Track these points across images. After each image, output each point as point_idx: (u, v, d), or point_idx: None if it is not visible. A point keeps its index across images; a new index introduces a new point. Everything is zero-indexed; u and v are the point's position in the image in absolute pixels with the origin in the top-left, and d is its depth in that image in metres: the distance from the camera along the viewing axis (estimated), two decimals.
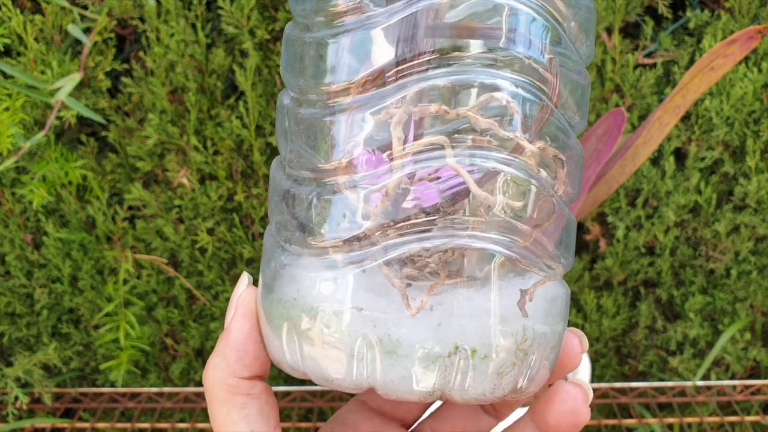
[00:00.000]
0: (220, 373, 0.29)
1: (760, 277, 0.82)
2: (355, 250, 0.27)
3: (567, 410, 0.29)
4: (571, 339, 0.30)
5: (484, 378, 0.26)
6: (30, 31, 0.73)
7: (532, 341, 0.27)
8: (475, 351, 0.26)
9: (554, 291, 0.29)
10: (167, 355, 0.90)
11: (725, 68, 0.52)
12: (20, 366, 0.83)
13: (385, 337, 0.26)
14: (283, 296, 0.28)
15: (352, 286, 0.26)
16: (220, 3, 0.72)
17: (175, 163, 0.79)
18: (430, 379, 0.26)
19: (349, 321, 0.26)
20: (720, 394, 0.86)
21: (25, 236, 0.83)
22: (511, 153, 0.26)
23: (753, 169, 0.78)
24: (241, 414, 0.29)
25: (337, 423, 0.33)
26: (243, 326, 0.29)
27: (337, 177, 0.27)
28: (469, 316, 0.26)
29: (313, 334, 0.27)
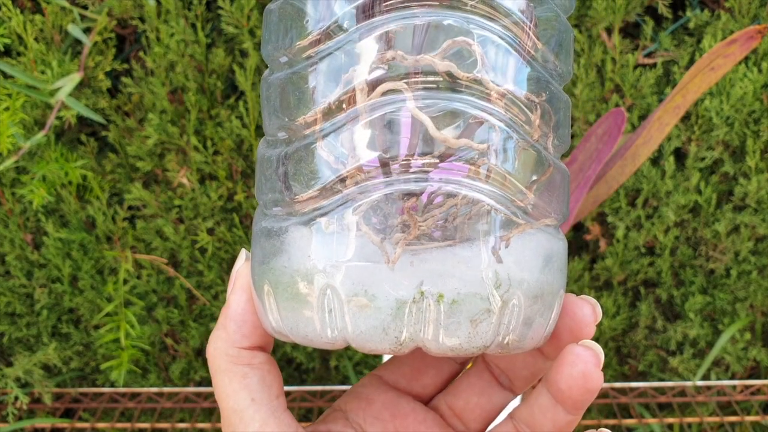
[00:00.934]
0: (221, 345, 0.30)
1: (760, 277, 0.82)
2: (324, 202, 0.27)
3: (578, 374, 0.28)
4: (582, 306, 0.29)
5: (457, 326, 0.26)
6: (30, 31, 0.73)
7: (508, 288, 0.26)
8: (442, 296, 0.26)
9: (544, 243, 0.28)
10: (167, 355, 0.90)
11: (725, 68, 0.52)
12: (20, 366, 0.83)
13: (359, 290, 0.26)
14: (261, 258, 0.28)
15: (323, 242, 0.27)
16: (220, 3, 0.72)
17: (175, 163, 0.79)
18: (400, 328, 0.26)
19: (320, 276, 0.26)
20: (720, 394, 0.86)
21: (25, 236, 0.83)
22: (483, 99, 0.26)
23: (753, 169, 0.78)
24: (243, 383, 0.30)
25: (352, 397, 0.33)
26: (240, 298, 0.30)
27: (307, 131, 0.27)
28: (440, 264, 0.26)
29: (289, 293, 0.27)
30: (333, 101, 0.26)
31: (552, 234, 0.28)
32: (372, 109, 0.26)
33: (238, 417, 0.29)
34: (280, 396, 0.30)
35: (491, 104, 0.26)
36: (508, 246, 0.27)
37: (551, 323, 0.29)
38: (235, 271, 0.31)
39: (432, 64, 0.26)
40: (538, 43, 0.27)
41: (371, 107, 0.26)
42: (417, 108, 0.26)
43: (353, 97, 0.26)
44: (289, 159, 0.28)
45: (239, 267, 0.31)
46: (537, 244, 0.28)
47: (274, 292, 0.28)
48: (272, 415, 0.30)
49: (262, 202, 0.29)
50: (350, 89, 0.26)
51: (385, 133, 0.26)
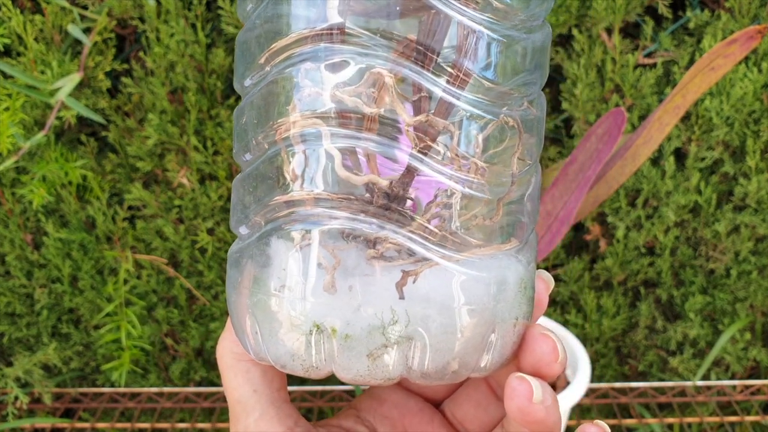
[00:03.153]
0: (227, 344, 0.32)
1: (760, 277, 0.82)
2: (269, 225, 0.28)
3: (515, 408, 0.27)
4: (541, 344, 0.29)
5: (357, 359, 0.27)
6: (30, 31, 0.73)
7: (406, 324, 0.26)
8: (335, 330, 0.27)
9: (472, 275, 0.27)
10: (167, 355, 0.90)
11: (725, 68, 0.52)
12: (20, 366, 0.83)
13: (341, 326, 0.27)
14: (236, 284, 0.29)
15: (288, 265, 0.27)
16: (220, 3, 0.72)
17: (175, 163, 0.79)
18: (310, 356, 0.27)
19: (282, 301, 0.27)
20: (720, 394, 0.86)
21: (25, 236, 0.83)
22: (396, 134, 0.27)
23: (753, 169, 0.78)
24: (246, 377, 0.31)
25: (365, 396, 0.35)
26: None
27: (274, 146, 0.28)
28: (360, 296, 0.27)
29: (263, 320, 0.28)
30: (267, 131, 0.27)
31: (501, 263, 0.28)
32: (296, 141, 0.27)
33: (241, 407, 0.31)
34: (282, 389, 0.32)
35: (406, 138, 0.27)
36: (416, 281, 0.27)
37: (495, 352, 0.28)
38: None
39: (342, 100, 0.26)
40: (469, 67, 0.27)
41: (295, 139, 0.27)
42: (330, 144, 0.26)
43: (286, 128, 0.27)
44: (244, 182, 0.29)
45: None
46: (444, 278, 0.27)
47: (251, 319, 0.29)
48: (272, 404, 0.32)
49: (234, 221, 0.30)
50: (281, 120, 0.27)
51: (306, 165, 0.27)
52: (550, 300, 0.87)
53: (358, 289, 0.26)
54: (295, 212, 0.27)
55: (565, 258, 0.85)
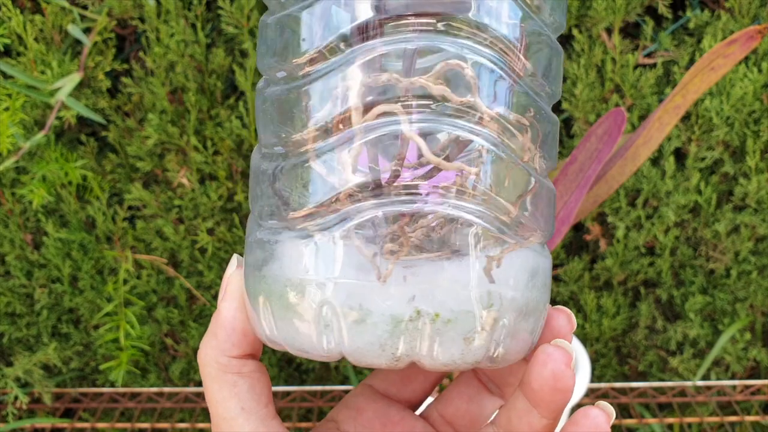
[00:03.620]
0: (212, 352, 0.30)
1: (760, 277, 0.82)
2: (320, 219, 0.27)
3: (548, 373, 0.27)
4: (557, 317, 0.30)
5: (451, 344, 0.27)
6: (30, 31, 0.73)
7: (500, 307, 0.27)
8: (438, 315, 0.27)
9: (531, 260, 0.29)
10: (167, 355, 0.90)
11: (725, 68, 0.52)
12: (20, 366, 0.83)
13: (355, 305, 0.27)
14: (256, 268, 0.29)
15: (319, 256, 0.27)
16: (220, 3, 0.72)
17: (175, 163, 0.79)
18: (396, 344, 0.27)
19: (317, 291, 0.27)
20: (720, 394, 0.86)
21: (25, 236, 0.83)
22: (474, 122, 0.27)
23: (753, 169, 0.78)
24: (233, 392, 0.30)
25: (343, 407, 0.34)
26: (231, 305, 0.30)
27: (303, 148, 0.28)
28: (435, 283, 0.27)
29: (284, 305, 0.28)
30: (328, 121, 0.27)
31: (538, 251, 0.29)
32: (366, 130, 0.27)
33: (228, 425, 0.30)
34: (269, 404, 0.31)
35: (483, 127, 0.27)
36: (500, 266, 0.28)
37: (536, 335, 0.30)
38: (226, 277, 0.31)
39: (426, 87, 0.26)
40: (528, 65, 0.28)
41: (366, 129, 0.27)
42: (411, 131, 0.26)
43: (348, 118, 0.27)
44: (285, 174, 0.28)
45: (231, 273, 0.31)
46: (525, 262, 0.28)
47: (270, 304, 0.28)
48: (262, 423, 0.30)
49: (256, 212, 0.30)
50: (346, 110, 0.27)
51: (379, 154, 0.27)
52: (551, 300, 0.87)
53: (449, 270, 0.27)
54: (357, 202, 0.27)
55: (565, 258, 0.85)
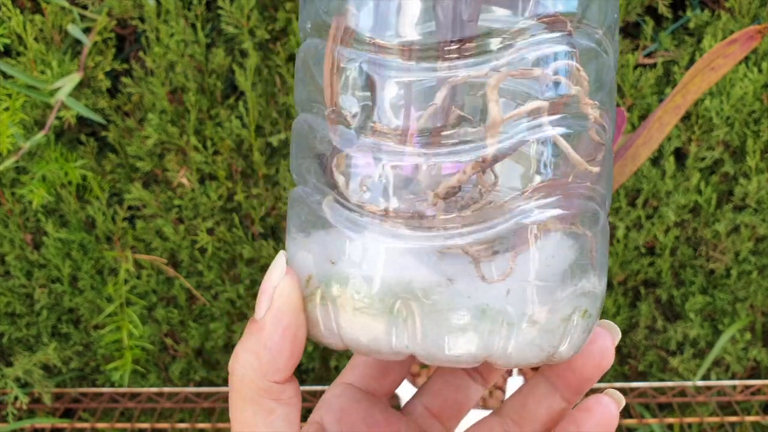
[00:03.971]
0: (251, 374, 0.26)
1: (760, 277, 0.82)
2: (402, 217, 0.26)
3: (596, 350, 0.29)
4: (602, 336, 0.29)
5: (533, 342, 0.26)
6: (30, 31, 0.73)
7: (575, 305, 0.27)
8: (526, 313, 0.26)
9: (603, 246, 0.29)
10: (167, 355, 0.90)
11: (725, 68, 0.52)
12: (20, 366, 0.83)
13: (432, 303, 0.25)
14: (319, 262, 0.27)
15: (402, 253, 0.26)
16: (220, 3, 0.72)
17: (175, 163, 0.79)
18: (481, 342, 0.26)
19: (391, 287, 0.26)
20: (720, 394, 0.86)
21: (25, 236, 0.83)
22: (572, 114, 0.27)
23: (753, 169, 0.78)
24: (268, 420, 0.27)
25: (326, 409, 0.32)
26: (280, 322, 0.26)
27: (404, 142, 0.26)
28: (524, 281, 0.26)
29: (356, 302, 0.26)
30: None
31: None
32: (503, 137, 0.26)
33: None
34: (299, 429, 0.29)
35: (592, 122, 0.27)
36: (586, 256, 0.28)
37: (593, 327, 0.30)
38: (272, 286, 0.26)
39: (567, 85, 0.26)
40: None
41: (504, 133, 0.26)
42: (558, 135, 0.26)
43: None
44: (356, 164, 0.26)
45: (278, 280, 0.26)
46: (599, 249, 0.29)
47: (335, 300, 0.26)
48: None
49: (314, 199, 0.28)
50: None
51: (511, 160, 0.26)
52: None
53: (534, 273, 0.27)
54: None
55: None
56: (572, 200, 0.27)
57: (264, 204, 0.81)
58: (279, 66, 0.75)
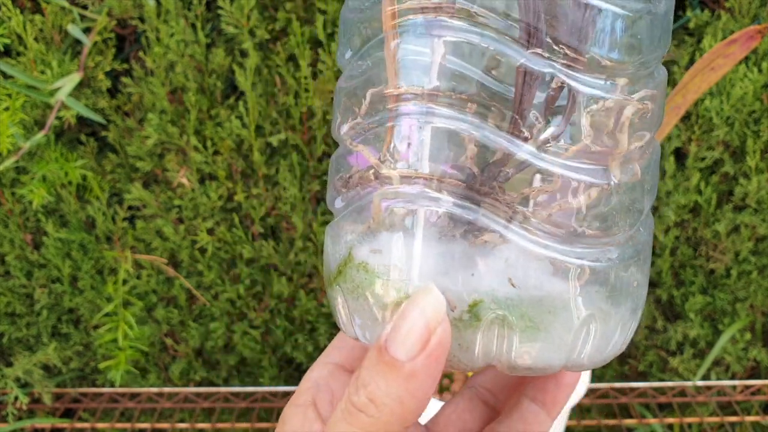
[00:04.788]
0: (390, 419, 0.23)
1: (760, 277, 0.82)
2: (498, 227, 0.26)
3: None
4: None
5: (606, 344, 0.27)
6: (30, 31, 0.73)
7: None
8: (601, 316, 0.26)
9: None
10: (167, 355, 0.90)
11: (725, 68, 0.52)
12: (20, 366, 0.83)
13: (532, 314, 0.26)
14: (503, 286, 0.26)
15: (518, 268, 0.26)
16: (220, 3, 0.72)
17: (175, 163, 0.79)
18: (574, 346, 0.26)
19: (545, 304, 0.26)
20: (720, 394, 0.86)
21: (25, 236, 0.83)
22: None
23: (753, 169, 0.78)
24: None
25: (317, 389, 0.30)
26: (435, 370, 0.23)
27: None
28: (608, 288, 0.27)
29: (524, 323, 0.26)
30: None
31: None
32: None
33: None
34: None
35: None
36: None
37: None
38: (426, 326, 0.23)
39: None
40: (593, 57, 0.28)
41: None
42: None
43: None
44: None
45: (437, 322, 0.23)
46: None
47: (514, 325, 0.26)
48: None
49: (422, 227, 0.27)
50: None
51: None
52: None
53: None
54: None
55: None
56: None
57: (264, 204, 0.81)
58: (279, 66, 0.75)
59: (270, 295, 0.85)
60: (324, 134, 0.78)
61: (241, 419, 0.87)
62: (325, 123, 0.77)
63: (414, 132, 0.26)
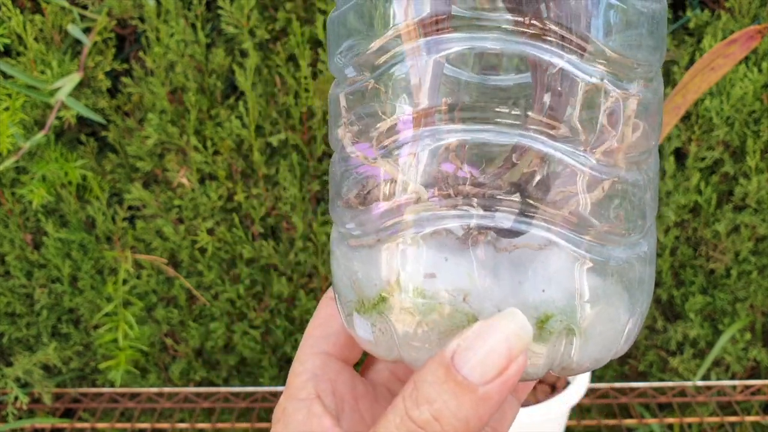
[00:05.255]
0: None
1: (760, 277, 0.82)
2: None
3: None
4: None
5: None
6: (30, 31, 0.73)
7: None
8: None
9: None
10: (167, 355, 0.90)
11: (725, 68, 0.52)
12: (20, 366, 0.83)
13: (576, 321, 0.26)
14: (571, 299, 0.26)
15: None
16: (220, 3, 0.72)
17: (175, 163, 0.79)
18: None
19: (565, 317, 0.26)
20: (720, 394, 0.86)
21: (25, 236, 0.83)
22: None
23: (753, 169, 0.78)
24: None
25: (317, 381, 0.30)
26: (505, 393, 0.23)
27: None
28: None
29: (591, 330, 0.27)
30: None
31: None
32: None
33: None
34: None
35: None
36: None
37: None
38: (508, 355, 0.23)
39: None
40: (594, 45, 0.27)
41: None
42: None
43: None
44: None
45: (520, 350, 0.23)
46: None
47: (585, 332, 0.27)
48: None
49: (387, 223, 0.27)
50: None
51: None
52: None
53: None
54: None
55: None
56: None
57: (264, 204, 0.81)
58: (279, 66, 0.75)
59: (270, 295, 0.85)
60: (324, 134, 0.78)
61: (241, 419, 0.87)
62: (325, 123, 0.77)
63: (438, 148, 0.26)
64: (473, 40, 0.25)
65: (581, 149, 0.26)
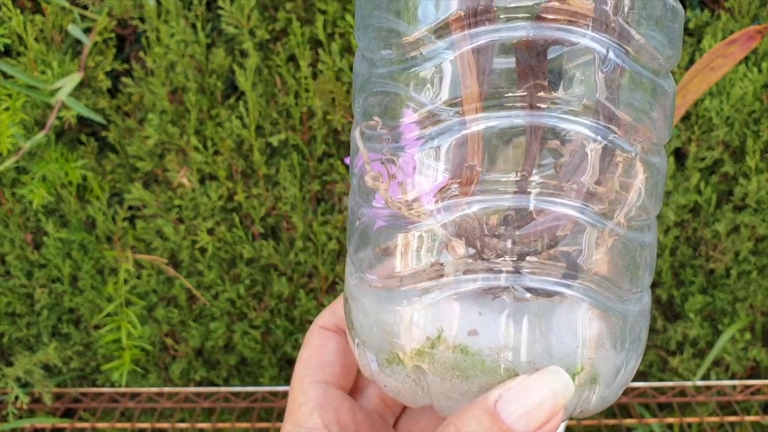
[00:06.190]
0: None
1: (760, 277, 0.82)
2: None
3: None
4: None
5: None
6: (30, 31, 0.73)
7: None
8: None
9: None
10: (167, 355, 0.90)
11: (725, 68, 0.52)
12: (20, 366, 0.83)
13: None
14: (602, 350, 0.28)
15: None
16: (220, 3, 0.72)
17: (175, 163, 0.79)
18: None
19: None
20: (720, 394, 0.86)
21: (25, 236, 0.83)
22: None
23: (753, 169, 0.78)
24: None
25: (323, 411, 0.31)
26: None
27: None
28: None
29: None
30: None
31: None
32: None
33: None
34: None
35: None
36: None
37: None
38: (552, 410, 0.25)
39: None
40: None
41: None
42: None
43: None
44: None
45: (561, 406, 0.25)
46: None
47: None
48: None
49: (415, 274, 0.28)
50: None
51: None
52: None
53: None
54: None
55: None
56: None
57: (264, 204, 0.81)
58: (279, 66, 0.75)
59: (270, 295, 0.85)
60: (324, 134, 0.78)
61: (241, 419, 0.87)
62: (325, 123, 0.77)
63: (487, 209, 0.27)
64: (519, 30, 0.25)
65: (611, 214, 0.27)
